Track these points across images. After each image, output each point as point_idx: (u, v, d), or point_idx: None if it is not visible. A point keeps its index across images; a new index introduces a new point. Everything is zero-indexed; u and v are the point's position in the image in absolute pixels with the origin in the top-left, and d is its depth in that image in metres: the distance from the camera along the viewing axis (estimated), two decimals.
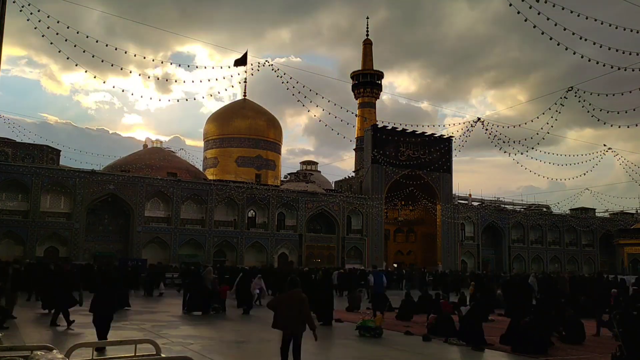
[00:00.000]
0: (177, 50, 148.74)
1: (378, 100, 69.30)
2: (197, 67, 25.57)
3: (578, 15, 17.16)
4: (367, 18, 70.82)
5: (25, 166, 40.80)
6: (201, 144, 71.81)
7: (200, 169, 66.70)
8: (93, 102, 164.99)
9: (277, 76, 25.23)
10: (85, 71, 22.23)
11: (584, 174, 33.21)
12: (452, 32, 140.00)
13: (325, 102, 27.16)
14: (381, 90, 67.97)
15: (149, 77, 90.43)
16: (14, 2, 16.91)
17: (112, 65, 21.90)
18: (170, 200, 44.80)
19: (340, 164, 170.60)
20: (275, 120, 71.91)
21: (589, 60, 19.48)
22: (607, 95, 22.34)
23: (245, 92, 69.14)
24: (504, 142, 27.41)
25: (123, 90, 48.05)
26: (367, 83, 66.53)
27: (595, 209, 67.69)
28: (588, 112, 22.81)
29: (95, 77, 23.08)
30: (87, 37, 20.68)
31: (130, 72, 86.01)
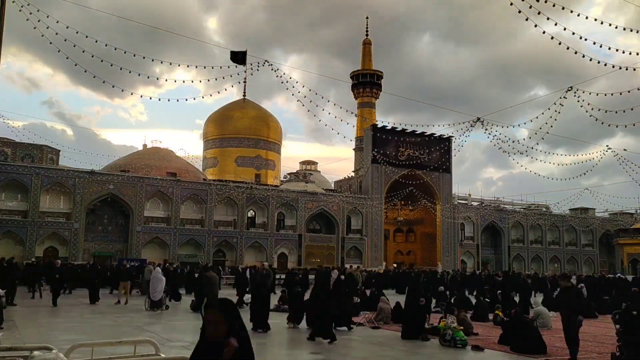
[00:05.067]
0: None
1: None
2: (196, 66, 25.46)
3: (578, 15, 17.17)
4: (367, 18, 70.80)
5: (25, 166, 40.78)
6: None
7: (200, 168, 66.67)
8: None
9: (277, 76, 25.22)
10: (85, 71, 22.19)
11: (584, 174, 33.23)
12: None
13: (325, 102, 27.14)
14: (381, 90, 67.92)
15: (148, 77, 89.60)
16: (13, 2, 16.88)
17: (111, 65, 21.86)
18: (170, 200, 44.79)
19: (340, 164, 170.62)
20: (275, 120, 71.89)
21: (590, 60, 19.51)
22: (605, 95, 22.36)
23: (244, 92, 69.15)
24: (503, 142, 27.42)
25: (123, 90, 47.82)
26: (366, 83, 66.49)
27: (595, 209, 67.72)
28: (587, 111, 22.82)
29: (94, 77, 22.97)
30: (87, 37, 20.64)
31: (130, 71, 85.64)
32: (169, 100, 58.84)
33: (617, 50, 18.71)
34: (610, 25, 18.07)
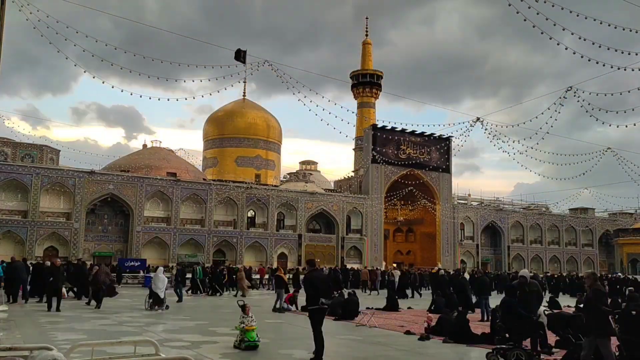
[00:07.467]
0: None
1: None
2: (196, 66, 25.46)
3: (577, 15, 17.16)
4: (367, 18, 70.80)
5: (25, 166, 40.80)
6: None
7: (200, 169, 66.68)
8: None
9: (277, 76, 25.19)
10: (85, 71, 22.23)
11: (584, 174, 33.23)
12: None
13: (326, 102, 27.16)
14: (381, 90, 67.95)
15: (149, 77, 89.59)
16: (13, 1, 16.87)
17: (111, 65, 21.89)
18: (170, 200, 44.81)
19: (340, 164, 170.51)
20: (274, 120, 71.90)
21: (589, 60, 19.49)
22: (605, 95, 22.36)
23: (244, 92, 69.19)
24: (503, 141, 27.44)
25: (123, 90, 48.01)
26: (366, 83, 66.52)
27: (594, 209, 67.78)
28: (587, 111, 22.82)
29: (94, 77, 23.05)
30: (87, 36, 20.65)
31: (131, 71, 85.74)
32: (168, 100, 58.67)
33: (615, 50, 18.68)
34: (609, 25, 18.06)
